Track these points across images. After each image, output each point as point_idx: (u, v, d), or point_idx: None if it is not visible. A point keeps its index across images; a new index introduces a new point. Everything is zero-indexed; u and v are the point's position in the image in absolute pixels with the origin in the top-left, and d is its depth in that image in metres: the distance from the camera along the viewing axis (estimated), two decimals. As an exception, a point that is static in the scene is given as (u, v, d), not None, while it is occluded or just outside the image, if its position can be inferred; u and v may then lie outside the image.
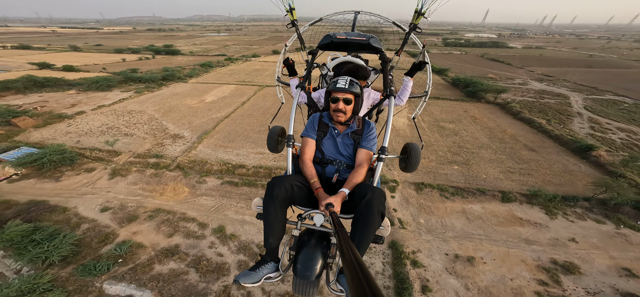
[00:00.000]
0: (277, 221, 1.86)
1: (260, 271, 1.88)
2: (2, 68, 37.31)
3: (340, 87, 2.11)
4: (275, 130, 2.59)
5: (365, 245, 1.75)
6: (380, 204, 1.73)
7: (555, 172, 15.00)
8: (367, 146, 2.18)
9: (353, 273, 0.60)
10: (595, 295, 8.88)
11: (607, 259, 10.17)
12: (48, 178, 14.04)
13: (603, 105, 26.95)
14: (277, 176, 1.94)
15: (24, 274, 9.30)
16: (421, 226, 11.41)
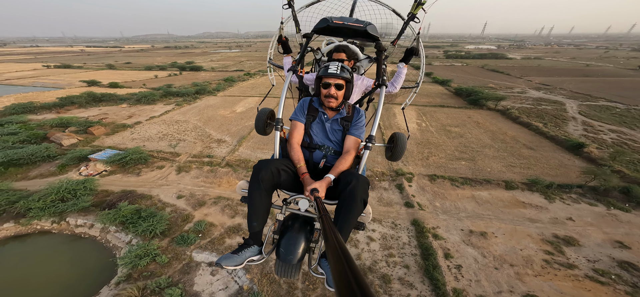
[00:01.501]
0: (261, 205, 1.83)
1: (242, 253, 1.85)
2: (55, 86, 41.82)
3: (332, 73, 2.07)
4: (264, 112, 2.51)
5: (347, 231, 1.78)
6: (363, 192, 1.73)
7: (551, 166, 17.18)
8: (355, 133, 2.15)
9: (336, 257, 0.61)
10: (595, 262, 10.84)
11: (601, 234, 12.19)
12: (130, 174, 16.98)
13: (596, 110, 29.02)
14: (263, 159, 1.90)
15: (134, 245, 11.94)
16: (437, 208, 13.72)
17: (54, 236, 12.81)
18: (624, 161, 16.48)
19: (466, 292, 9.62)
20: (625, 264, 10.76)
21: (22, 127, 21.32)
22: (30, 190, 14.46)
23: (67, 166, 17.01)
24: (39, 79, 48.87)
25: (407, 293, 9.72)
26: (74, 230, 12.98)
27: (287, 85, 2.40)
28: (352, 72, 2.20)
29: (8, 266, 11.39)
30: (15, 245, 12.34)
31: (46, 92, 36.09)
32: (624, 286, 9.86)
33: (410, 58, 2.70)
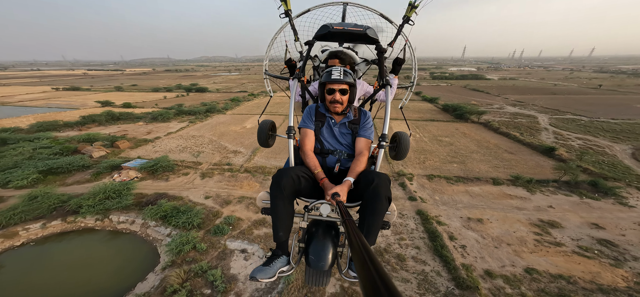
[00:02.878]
0: (286, 213, 1.79)
1: (273, 265, 1.81)
2: (70, 106, 43.13)
3: (335, 78, 2.04)
4: (265, 124, 2.46)
5: (374, 231, 1.72)
6: (386, 189, 1.69)
7: (529, 166, 19.76)
8: (365, 135, 2.14)
9: (362, 262, 0.59)
10: (578, 240, 12.76)
11: (578, 218, 14.32)
12: (160, 179, 18.33)
13: (564, 122, 32.85)
14: (282, 168, 1.89)
15: (173, 237, 13.18)
16: (437, 201, 15.72)
17: (98, 232, 13.84)
18: (589, 161, 19.31)
19: (474, 267, 11.23)
20: (603, 241, 12.74)
21: (53, 142, 22.52)
22: (70, 194, 15.59)
23: (101, 173, 18.24)
24: (51, 100, 50.07)
25: (421, 269, 11.29)
26: (116, 226, 14.07)
27: (293, 93, 2.40)
28: (355, 76, 2.21)
29: (56, 259, 12.29)
30: (62, 241, 13.30)
31: (66, 112, 37.39)
32: (608, 260, 11.73)
33: (399, 69, 2.79)
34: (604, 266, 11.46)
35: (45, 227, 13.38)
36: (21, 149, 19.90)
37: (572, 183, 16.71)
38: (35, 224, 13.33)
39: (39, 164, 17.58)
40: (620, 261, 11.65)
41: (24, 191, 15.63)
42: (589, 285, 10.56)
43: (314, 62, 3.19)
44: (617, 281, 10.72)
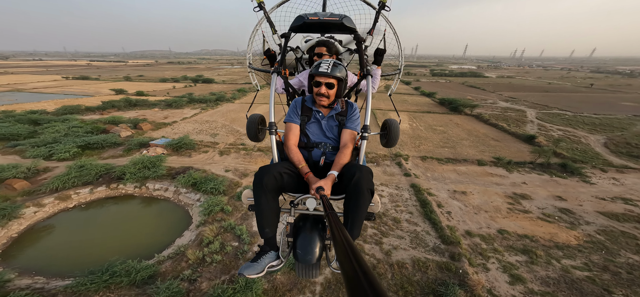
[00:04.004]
0: (270, 210, 1.79)
1: (262, 261, 1.82)
2: (84, 94, 44.76)
3: (322, 71, 1.99)
4: (254, 118, 2.40)
5: (358, 224, 1.73)
6: (368, 182, 1.71)
7: (511, 151, 22.00)
8: (351, 127, 2.12)
9: (345, 255, 0.60)
10: (543, 209, 15.07)
11: (546, 192, 16.63)
12: (183, 156, 20.43)
13: (550, 116, 35.03)
14: (263, 165, 1.84)
15: (202, 201, 15.36)
16: (429, 177, 17.96)
17: (137, 198, 15.99)
18: (563, 147, 21.57)
19: (457, 228, 13.50)
20: (564, 210, 15.12)
21: (82, 123, 24.47)
22: (111, 165, 17.68)
23: (131, 149, 20.30)
24: (65, 88, 51.53)
25: (413, 229, 13.57)
26: (152, 193, 16.23)
27: (273, 89, 2.33)
28: (346, 70, 2.17)
29: (102, 220, 14.39)
30: (106, 205, 15.45)
31: (86, 98, 39.14)
32: (565, 224, 14.09)
33: (381, 59, 2.72)
34: (561, 228, 13.81)
35: (93, 193, 15.51)
36: (57, 127, 21.84)
37: (545, 165, 19.03)
38: (84, 189, 15.45)
39: (77, 140, 19.59)
40: (575, 224, 14.00)
41: (66, 162, 17.71)
42: (548, 243, 12.90)
43: (296, 53, 3.13)
44: (570, 240, 13.06)
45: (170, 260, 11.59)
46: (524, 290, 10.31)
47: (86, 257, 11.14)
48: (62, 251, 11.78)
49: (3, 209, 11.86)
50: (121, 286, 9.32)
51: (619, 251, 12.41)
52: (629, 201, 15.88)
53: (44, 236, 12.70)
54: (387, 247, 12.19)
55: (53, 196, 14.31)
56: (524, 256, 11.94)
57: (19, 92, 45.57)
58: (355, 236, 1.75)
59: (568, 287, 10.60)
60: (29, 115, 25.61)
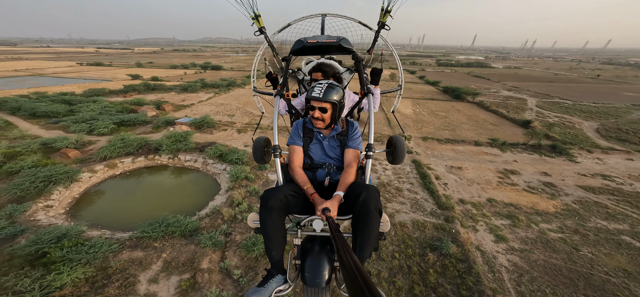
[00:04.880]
0: (276, 233, 1.79)
1: (269, 285, 1.76)
2: (102, 79, 46.69)
3: (314, 96, 2.02)
4: (260, 141, 2.40)
5: (368, 246, 1.68)
6: (376, 201, 1.69)
7: (507, 134, 23.54)
8: (353, 145, 2.14)
9: (353, 280, 0.57)
10: (529, 183, 16.84)
11: (534, 169, 18.36)
12: (205, 133, 22.47)
13: (549, 105, 35.98)
14: (269, 188, 1.88)
15: (228, 170, 17.45)
16: (429, 155, 19.76)
17: (170, 168, 18.19)
18: (556, 131, 23.04)
19: (452, 197, 15.37)
20: (548, 183, 16.91)
21: (111, 104, 26.55)
22: (146, 139, 19.80)
23: (159, 127, 22.38)
24: (82, 73, 53.45)
25: (413, 196, 15.47)
26: (184, 163, 18.39)
27: (277, 112, 2.35)
28: (342, 92, 2.12)
29: (143, 186, 16.60)
30: (145, 173, 17.68)
31: (104, 83, 41.12)
32: (547, 195, 15.90)
33: (378, 79, 2.74)
34: (542, 198, 15.65)
35: (134, 162, 17.71)
36: (91, 107, 23.96)
37: (536, 146, 20.65)
38: (127, 159, 17.64)
39: (113, 118, 21.71)
40: (555, 195, 15.81)
41: (105, 137, 19.88)
42: (529, 210, 14.76)
43: (298, 75, 3.20)
44: (549, 208, 14.91)
45: (208, 217, 13.76)
46: (506, 247, 12.17)
47: (137, 216, 13.17)
48: (115, 210, 14.00)
49: (67, 173, 14.03)
50: (174, 236, 11.35)
51: (590, 217, 14.25)
52: (607, 177, 17.57)
53: (98, 198, 14.94)
54: (391, 210, 14.18)
55: (103, 164, 16.52)
56: (508, 220, 13.85)
57: (40, 77, 47.64)
58: (365, 258, 1.69)
59: (543, 245, 12.47)
60: (62, 96, 27.75)
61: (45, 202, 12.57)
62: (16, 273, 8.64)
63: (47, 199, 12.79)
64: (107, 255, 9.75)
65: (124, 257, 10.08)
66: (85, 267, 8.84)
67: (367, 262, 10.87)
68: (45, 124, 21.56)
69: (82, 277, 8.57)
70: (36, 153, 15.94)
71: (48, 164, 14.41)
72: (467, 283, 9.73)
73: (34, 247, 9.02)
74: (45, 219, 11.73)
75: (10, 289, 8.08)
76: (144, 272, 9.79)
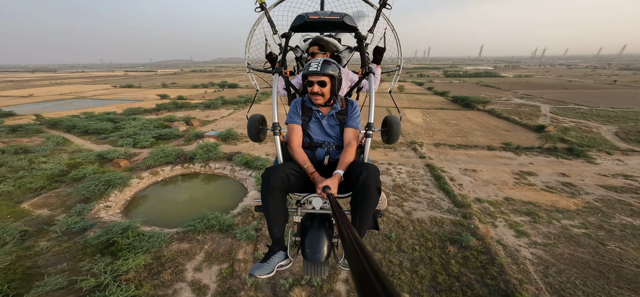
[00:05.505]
0: (277, 211, 1.80)
1: (271, 261, 1.84)
2: (135, 99, 51.63)
3: (313, 70, 1.99)
4: (255, 118, 2.41)
5: (366, 222, 1.75)
6: (376, 180, 1.71)
7: (521, 139, 23.76)
8: (353, 125, 2.12)
9: (353, 253, 0.59)
10: (547, 183, 17.03)
11: (551, 170, 18.50)
12: (230, 144, 24.46)
13: (564, 110, 35.63)
14: (270, 167, 1.86)
15: (253, 175, 18.99)
16: (442, 159, 20.41)
17: (202, 175, 20.00)
18: (572, 135, 23.04)
19: (468, 196, 15.83)
20: (566, 183, 17.02)
21: (148, 121, 29.66)
22: (182, 150, 22.01)
23: (190, 140, 24.71)
24: (117, 95, 59.35)
25: (429, 196, 16.11)
26: (214, 171, 20.17)
27: (275, 89, 2.24)
28: (338, 66, 2.10)
29: (180, 190, 18.40)
30: (181, 179, 19.56)
31: (137, 103, 45.62)
32: (566, 194, 16.03)
33: (380, 57, 2.70)
34: (562, 196, 15.77)
35: (172, 170, 19.73)
36: (133, 124, 26.99)
37: (552, 149, 20.79)
38: (166, 167, 19.71)
39: (152, 132, 24.38)
40: (575, 194, 15.88)
41: (146, 149, 22.28)
42: (549, 208, 14.95)
43: (296, 53, 3.11)
44: (570, 205, 15.02)
45: (239, 215, 15.07)
46: (528, 242, 12.29)
47: (178, 215, 14.76)
48: (159, 210, 15.68)
49: (122, 179, 16.12)
50: (214, 230, 12.70)
51: (614, 214, 14.21)
52: (629, 176, 17.36)
53: (144, 200, 16.81)
54: (408, 208, 14.90)
55: (147, 171, 18.62)
56: (528, 217, 14.09)
57: (83, 99, 53.46)
58: (363, 234, 1.77)
59: (567, 240, 12.55)
60: (106, 115, 31.36)
61: (105, 203, 14.50)
62: (90, 259, 10.21)
63: (106, 200, 14.73)
64: (161, 245, 11.19)
65: (173, 248, 11.46)
66: (145, 255, 10.26)
67: (385, 252, 11.22)
68: (96, 139, 24.54)
69: (142, 263, 9.97)
70: (93, 163, 18.32)
71: (105, 172, 16.58)
72: (491, 273, 10.05)
73: (105, 237, 10.64)
74: (106, 217, 13.54)
75: (87, 272, 9.61)
76: (189, 261, 11.08)
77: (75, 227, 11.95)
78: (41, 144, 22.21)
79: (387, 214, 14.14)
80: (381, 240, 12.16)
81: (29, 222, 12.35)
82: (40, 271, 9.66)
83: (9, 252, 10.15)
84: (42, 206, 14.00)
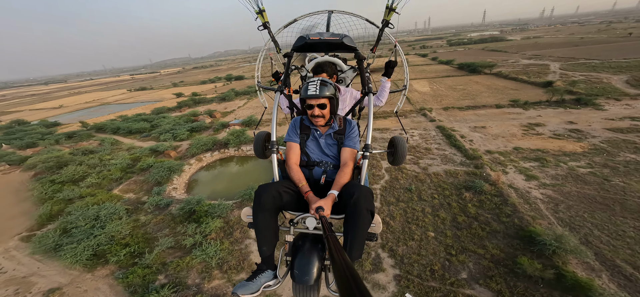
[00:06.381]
0: (268, 229, 1.77)
1: (257, 280, 1.76)
2: (154, 100, 53.90)
3: (311, 94, 1.97)
4: (261, 136, 2.42)
5: (358, 246, 1.69)
6: (368, 202, 1.67)
7: (529, 95, 24.34)
8: (350, 145, 2.09)
9: (343, 279, 0.57)
10: (554, 131, 17.95)
11: (559, 119, 19.37)
12: (253, 129, 26.35)
13: (574, 66, 35.03)
14: (263, 184, 1.82)
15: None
16: (451, 120, 21.53)
17: (236, 157, 22.15)
18: (580, 87, 23.42)
19: (478, 149, 17.01)
20: (574, 130, 17.93)
21: (177, 118, 31.86)
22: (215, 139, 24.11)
23: (218, 129, 26.75)
24: (136, 98, 61.83)
25: (442, 152, 17.51)
26: (246, 153, 22.23)
27: (276, 108, 2.31)
28: (335, 86, 2.09)
29: (221, 172, 20.63)
30: (220, 163, 21.81)
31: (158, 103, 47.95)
32: (573, 139, 16.98)
33: (391, 71, 2.70)
34: (569, 142, 16.87)
35: (212, 156, 21.96)
36: (166, 121, 29.30)
37: (560, 101, 21.48)
38: (207, 154, 21.95)
39: (185, 127, 26.59)
40: (582, 139, 16.93)
41: (185, 142, 24.50)
42: (557, 152, 16.12)
43: (301, 72, 3.16)
44: (577, 149, 16.15)
45: (277, 185, 17.28)
46: (538, 184, 13.33)
47: (227, 190, 16.72)
48: (212, 188, 18.01)
49: (178, 165, 18.71)
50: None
51: (619, 153, 15.28)
52: (637, 118, 18.10)
53: (198, 182, 19.20)
54: (423, 165, 16.42)
55: (193, 159, 20.93)
56: (536, 163, 15.31)
57: (108, 105, 56.24)
58: (355, 258, 1.70)
59: (573, 179, 13.52)
60: (139, 117, 33.83)
61: (172, 185, 16.92)
62: (182, 225, 12.53)
63: (172, 183, 17.16)
64: (227, 212, 13.40)
65: (235, 214, 13.61)
66: (218, 220, 12.46)
67: (408, 202, 12.55)
68: (140, 137, 26.98)
69: (218, 226, 12.19)
70: (150, 156, 20.77)
71: (163, 161, 18.95)
72: (506, 212, 11.37)
73: (187, 208, 12.96)
74: (176, 195, 15.91)
75: (185, 234, 11.94)
76: (249, 221, 13.33)
77: (161, 204, 14.37)
78: (99, 146, 24.85)
79: (406, 171, 15.69)
80: (403, 192, 13.90)
81: (125, 203, 14.89)
82: (152, 235, 12.20)
83: (126, 223, 12.74)
84: (128, 191, 16.57)
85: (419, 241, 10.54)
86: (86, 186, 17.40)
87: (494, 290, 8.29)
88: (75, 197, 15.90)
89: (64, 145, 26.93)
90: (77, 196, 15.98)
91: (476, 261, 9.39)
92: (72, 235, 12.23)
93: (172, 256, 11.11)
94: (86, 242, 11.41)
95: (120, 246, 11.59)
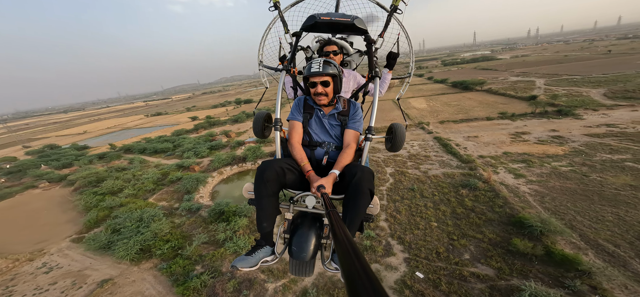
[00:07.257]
0: (269, 205, 1.76)
1: (256, 254, 1.78)
2: (171, 124, 57.86)
3: (315, 71, 1.95)
4: (261, 115, 2.33)
5: (356, 224, 1.71)
6: (369, 182, 1.68)
7: (517, 108, 26.71)
8: (353, 127, 2.07)
9: (345, 252, 0.59)
10: (539, 137, 19.95)
11: (543, 128, 21.49)
12: (267, 146, 28.84)
13: (557, 82, 37.94)
14: (266, 160, 1.81)
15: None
16: (447, 132, 23.75)
17: (252, 171, 24.29)
18: (561, 100, 25.86)
19: (472, 155, 18.94)
20: (556, 136, 19.96)
21: (196, 139, 34.82)
22: (234, 154, 26.49)
23: (235, 147, 29.28)
24: (154, 123, 66.11)
25: (440, 158, 19.46)
26: (262, 165, 24.44)
27: (281, 86, 2.24)
28: (338, 66, 2.08)
29: (238, 183, 22.63)
30: (239, 175, 23.92)
31: (175, 126, 51.65)
32: (555, 143, 18.93)
33: (394, 63, 2.67)
34: (552, 146, 18.77)
35: (232, 169, 24.20)
36: (188, 141, 32.17)
37: (543, 112, 23.78)
38: (227, 167, 24.21)
39: (205, 145, 29.26)
40: (563, 143, 18.83)
41: (206, 159, 26.92)
42: (541, 155, 17.96)
43: (307, 53, 3.09)
44: (559, 151, 17.99)
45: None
46: (525, 180, 15.16)
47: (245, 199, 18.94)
48: (233, 196, 19.95)
49: (204, 177, 20.87)
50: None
51: (596, 154, 17.08)
52: (612, 125, 20.10)
53: (219, 191, 21.19)
54: (424, 169, 18.27)
55: (215, 172, 23.18)
56: (523, 164, 17.17)
57: (129, 129, 60.34)
58: (353, 235, 1.72)
59: (557, 176, 15.40)
60: (162, 138, 36.99)
61: (199, 194, 18.98)
62: (214, 224, 14.32)
63: (199, 193, 19.22)
64: (252, 212, 15.24)
65: None
66: (245, 219, 14.27)
67: (411, 199, 14.51)
68: (164, 156, 29.63)
69: (245, 223, 13.98)
70: (177, 171, 23.13)
71: (190, 174, 21.22)
72: (498, 204, 13.06)
73: (218, 209, 14.88)
74: (204, 202, 17.87)
75: (219, 231, 13.69)
76: (270, 220, 15.09)
77: (192, 208, 16.33)
78: (129, 164, 27.43)
79: (408, 175, 17.55)
80: (406, 191, 15.65)
81: (160, 209, 16.89)
82: (188, 233, 14.00)
83: (166, 223, 14.60)
84: (161, 199, 18.63)
85: (424, 230, 12.10)
86: (124, 196, 19.49)
87: (495, 267, 9.55)
88: (116, 205, 17.93)
89: (97, 164, 29.58)
90: (118, 204, 18.01)
91: (476, 244, 10.82)
92: (121, 233, 14.07)
93: (206, 250, 12.77)
94: (135, 238, 13.21)
95: (163, 241, 13.34)
